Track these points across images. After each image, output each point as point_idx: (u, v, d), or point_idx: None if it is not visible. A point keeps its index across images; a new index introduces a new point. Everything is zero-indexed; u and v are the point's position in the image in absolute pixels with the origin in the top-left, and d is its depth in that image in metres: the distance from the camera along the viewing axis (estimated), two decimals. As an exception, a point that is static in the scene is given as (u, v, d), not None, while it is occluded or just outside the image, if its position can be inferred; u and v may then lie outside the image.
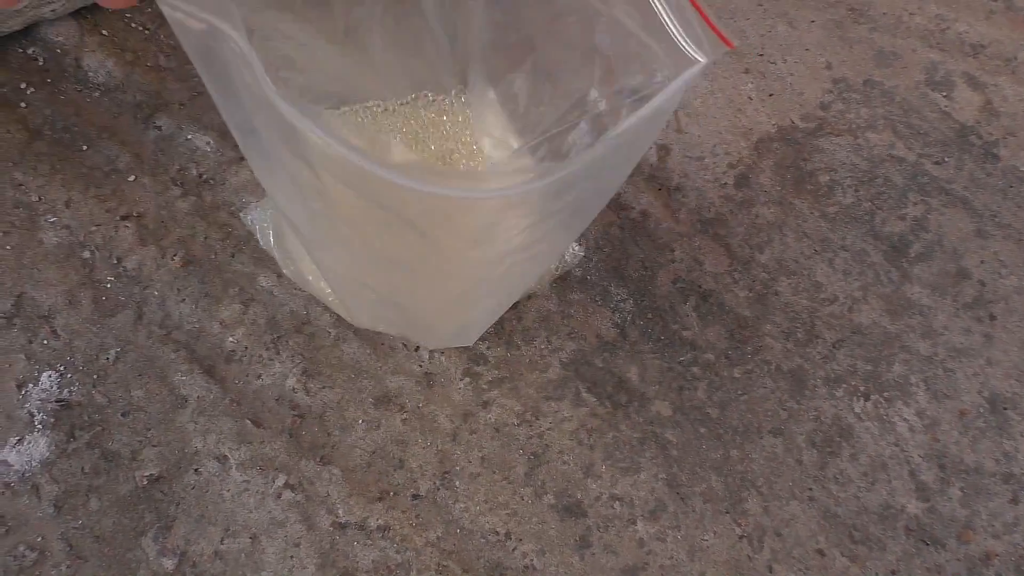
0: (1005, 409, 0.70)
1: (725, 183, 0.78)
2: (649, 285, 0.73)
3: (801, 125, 0.81)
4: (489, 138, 0.62)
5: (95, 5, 0.76)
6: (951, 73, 0.86)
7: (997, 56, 0.88)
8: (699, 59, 0.37)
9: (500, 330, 0.70)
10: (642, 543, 0.63)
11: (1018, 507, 0.67)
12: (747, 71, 0.84)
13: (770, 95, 0.83)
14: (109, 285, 0.68)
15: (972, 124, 0.84)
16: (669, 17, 0.38)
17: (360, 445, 0.65)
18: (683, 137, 0.80)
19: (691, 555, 0.63)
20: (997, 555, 0.65)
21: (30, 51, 0.76)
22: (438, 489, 0.64)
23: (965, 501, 0.67)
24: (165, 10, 0.30)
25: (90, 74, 0.76)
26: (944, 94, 0.85)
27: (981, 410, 0.70)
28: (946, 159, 0.81)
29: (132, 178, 0.72)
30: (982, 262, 0.77)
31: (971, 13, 0.90)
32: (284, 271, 0.66)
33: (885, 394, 0.70)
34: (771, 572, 0.63)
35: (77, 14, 0.78)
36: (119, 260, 0.69)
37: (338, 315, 0.68)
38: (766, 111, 0.82)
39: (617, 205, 0.76)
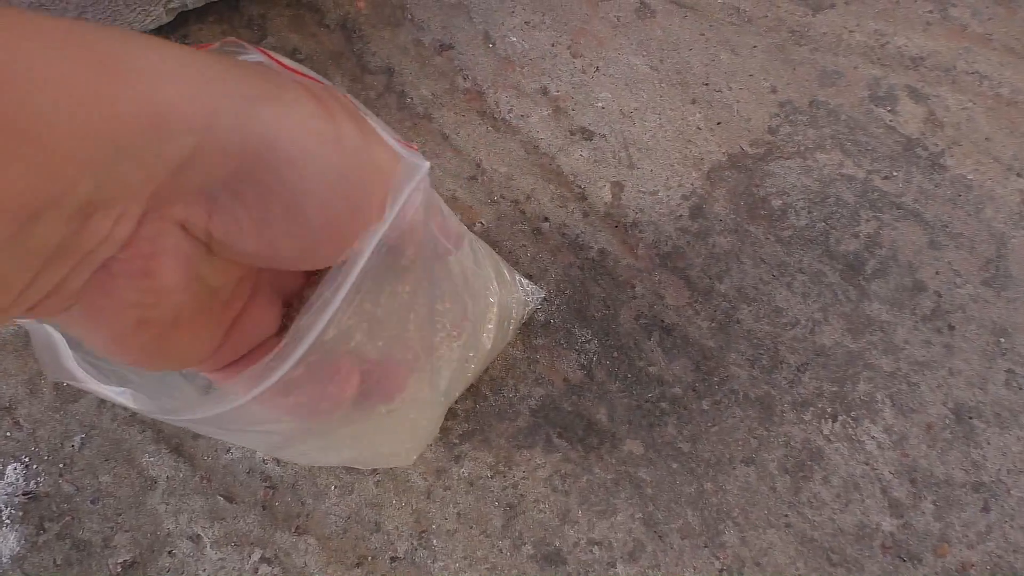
0: (970, 418, 0.71)
1: (680, 215, 0.79)
2: (612, 324, 0.74)
3: (751, 151, 0.83)
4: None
5: None
6: (894, 87, 0.88)
7: (937, 67, 0.89)
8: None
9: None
10: (623, 587, 0.63)
11: (990, 515, 0.68)
12: (694, 101, 0.85)
13: (718, 124, 0.84)
14: (69, 370, 0.67)
15: (917, 136, 0.85)
16: None
17: (334, 511, 0.64)
18: (635, 172, 0.80)
19: (673, 595, 0.63)
20: (973, 565, 0.66)
21: None
22: (416, 549, 0.64)
23: (938, 514, 0.68)
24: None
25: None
26: (888, 108, 0.86)
27: (947, 421, 0.71)
28: (894, 173, 0.83)
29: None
30: (937, 273, 0.78)
31: (909, 26, 0.92)
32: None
33: (852, 414, 0.71)
34: (753, 605, 0.63)
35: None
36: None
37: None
38: (716, 140, 0.83)
39: (575, 246, 0.77)
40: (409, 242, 0.33)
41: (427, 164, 0.34)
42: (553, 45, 0.86)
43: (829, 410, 0.71)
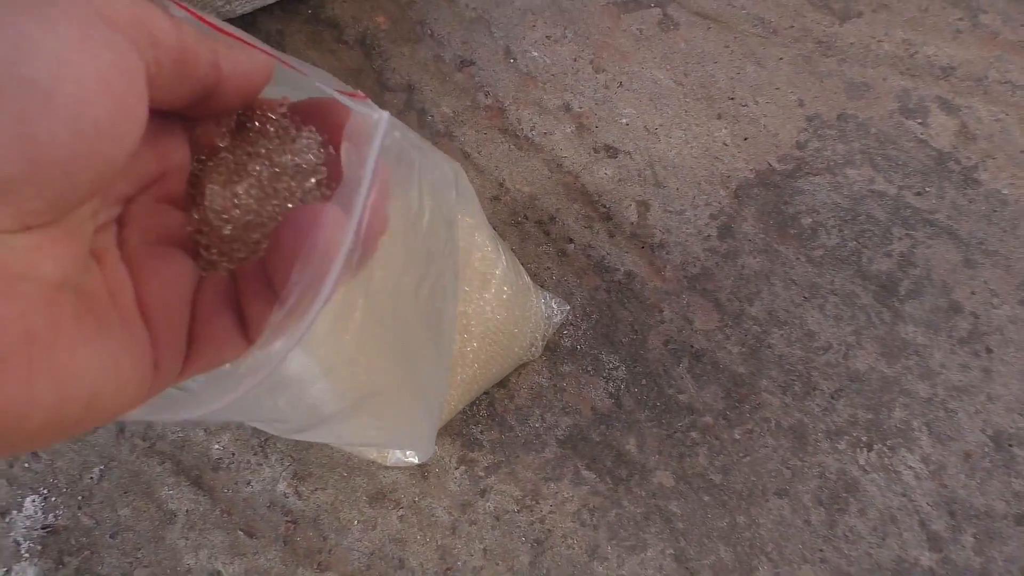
0: (1011, 446, 0.69)
1: (708, 235, 0.77)
2: (640, 349, 0.72)
3: (779, 167, 0.80)
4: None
5: None
6: (924, 99, 0.85)
7: (968, 77, 0.87)
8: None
9: (492, 411, 0.68)
10: (656, 625, 0.62)
11: (1033, 548, 0.66)
12: (720, 116, 0.83)
13: (745, 139, 0.82)
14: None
15: (949, 150, 0.83)
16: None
17: (357, 547, 0.63)
18: (662, 191, 0.78)
19: (707, 633, 0.62)
20: (1016, 601, 0.64)
21: None
22: (442, 587, 0.62)
23: (979, 548, 0.66)
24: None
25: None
26: (919, 121, 0.84)
27: (986, 449, 0.69)
28: (927, 189, 0.80)
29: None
30: (973, 293, 0.76)
31: (938, 35, 0.89)
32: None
33: (888, 442, 0.69)
34: (790, 643, 0.62)
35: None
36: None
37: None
38: (743, 156, 0.81)
39: (601, 267, 0.75)
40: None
41: (385, 113, 0.31)
42: (575, 60, 0.84)
43: (864, 439, 0.69)
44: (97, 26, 0.23)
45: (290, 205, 0.32)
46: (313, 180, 0.33)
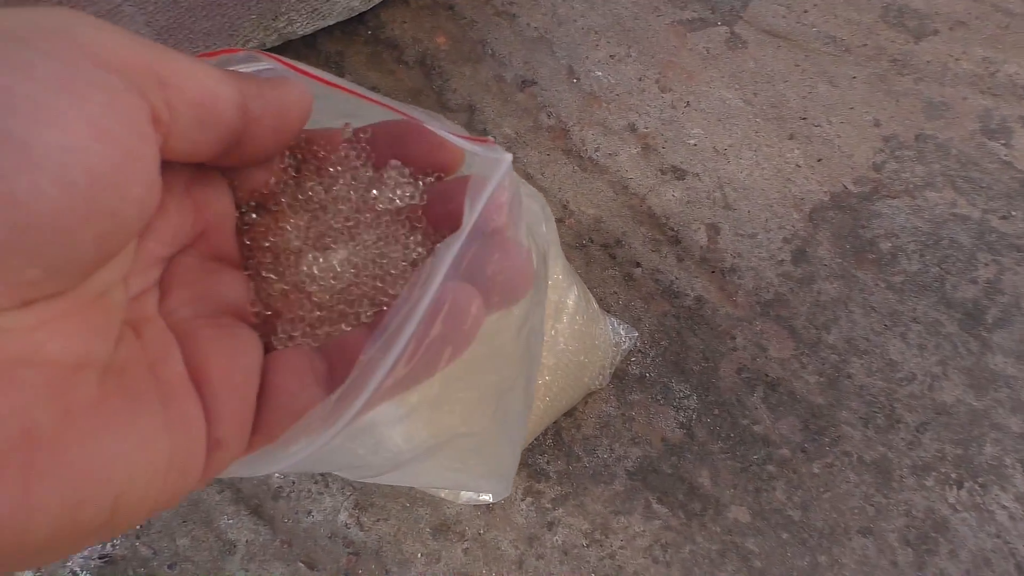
0: (1112, 485, 0.65)
1: (782, 260, 0.74)
2: (712, 378, 0.69)
3: (855, 190, 0.77)
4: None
5: None
6: (1007, 119, 0.82)
7: (1052, 96, 0.83)
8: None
9: (559, 441, 0.66)
10: (735, 672, 0.58)
11: None
12: (792, 137, 0.80)
13: (819, 160, 0.79)
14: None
15: (1035, 171, 0.79)
16: None
17: (421, 582, 0.61)
18: (732, 214, 0.76)
19: None
20: (1124, 653, 0.59)
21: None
22: (508, 625, 0.59)
23: (1082, 595, 0.61)
24: None
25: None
26: (1002, 142, 0.80)
27: (1085, 488, 0.65)
28: (1012, 212, 0.76)
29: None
30: (1065, 322, 0.72)
31: (1019, 52, 0.85)
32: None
33: (979, 480, 0.65)
34: None
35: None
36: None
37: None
38: (816, 178, 0.78)
39: (670, 292, 0.72)
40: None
41: (508, 156, 0.30)
42: (640, 79, 0.82)
43: (953, 475, 0.65)
44: (85, 67, 0.20)
45: (391, 270, 0.30)
46: (419, 232, 0.31)
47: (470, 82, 0.83)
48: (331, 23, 0.80)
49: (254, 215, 0.30)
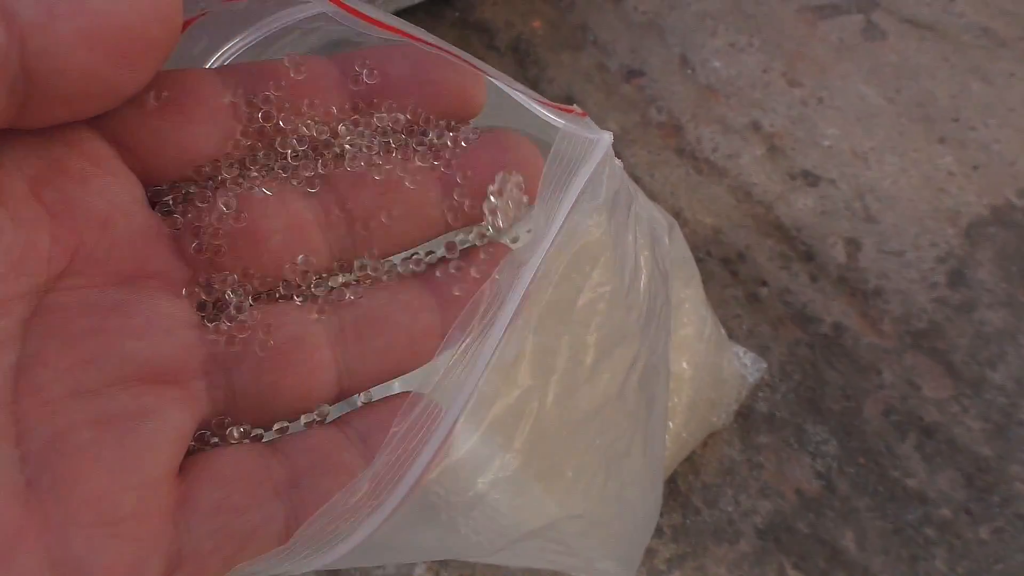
0: None
1: (935, 282, 0.63)
2: (855, 419, 0.58)
3: (1019, 203, 0.66)
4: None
5: None
6: None
7: None
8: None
9: (674, 489, 0.56)
10: None
11: None
12: (942, 140, 0.69)
13: (974, 168, 0.68)
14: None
15: None
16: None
17: (512, 653, 0.51)
18: (875, 227, 0.65)
19: None
20: None
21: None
22: None
23: None
24: None
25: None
26: None
27: None
28: None
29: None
30: None
31: None
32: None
33: None
34: None
35: None
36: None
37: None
38: (973, 188, 0.67)
39: (802, 317, 0.62)
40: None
41: (607, 135, 0.22)
42: (765, 71, 0.72)
43: None
44: None
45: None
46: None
47: (569, 71, 0.73)
48: (417, 2, 0.72)
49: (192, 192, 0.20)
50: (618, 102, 0.72)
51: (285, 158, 0.20)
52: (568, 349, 0.27)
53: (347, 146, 0.21)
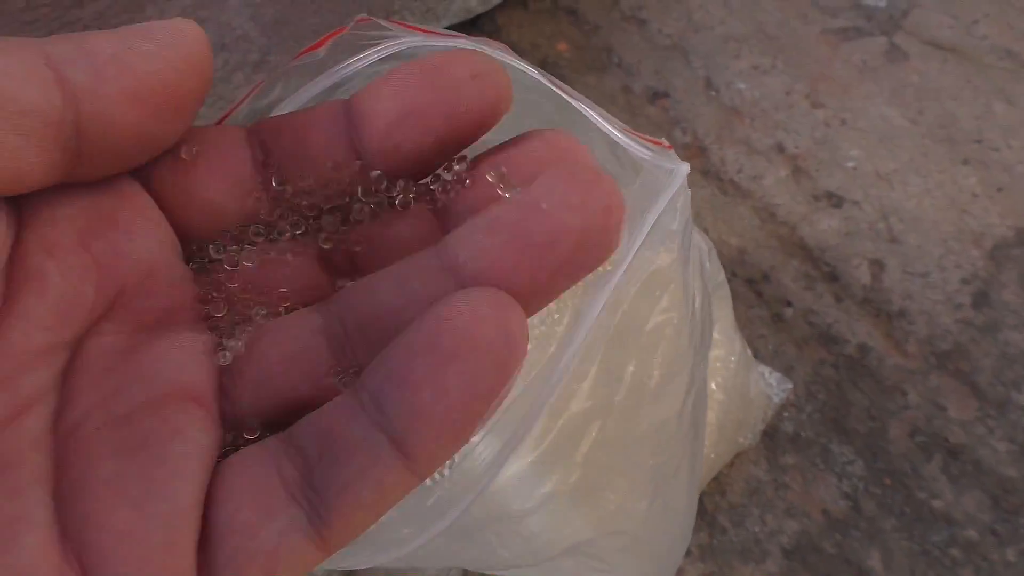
0: None
1: (960, 303, 0.63)
2: (880, 440, 0.59)
3: (1044, 224, 0.66)
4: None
5: None
6: None
7: None
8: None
9: (702, 509, 0.56)
10: None
11: None
12: (966, 162, 0.69)
13: (999, 190, 0.68)
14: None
15: None
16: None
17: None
18: (899, 248, 0.66)
19: None
20: None
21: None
22: None
23: None
24: None
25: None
26: None
27: None
28: None
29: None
30: None
31: None
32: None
33: None
34: None
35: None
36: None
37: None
38: (997, 210, 0.67)
39: (827, 338, 0.62)
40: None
41: (685, 167, 0.23)
42: (788, 93, 0.73)
43: None
44: None
45: None
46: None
47: (594, 93, 0.74)
48: (445, 24, 0.73)
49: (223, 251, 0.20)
50: (643, 124, 0.73)
51: (299, 216, 0.21)
52: (633, 372, 0.27)
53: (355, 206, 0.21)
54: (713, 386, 0.50)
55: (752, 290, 0.65)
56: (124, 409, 0.17)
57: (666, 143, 0.24)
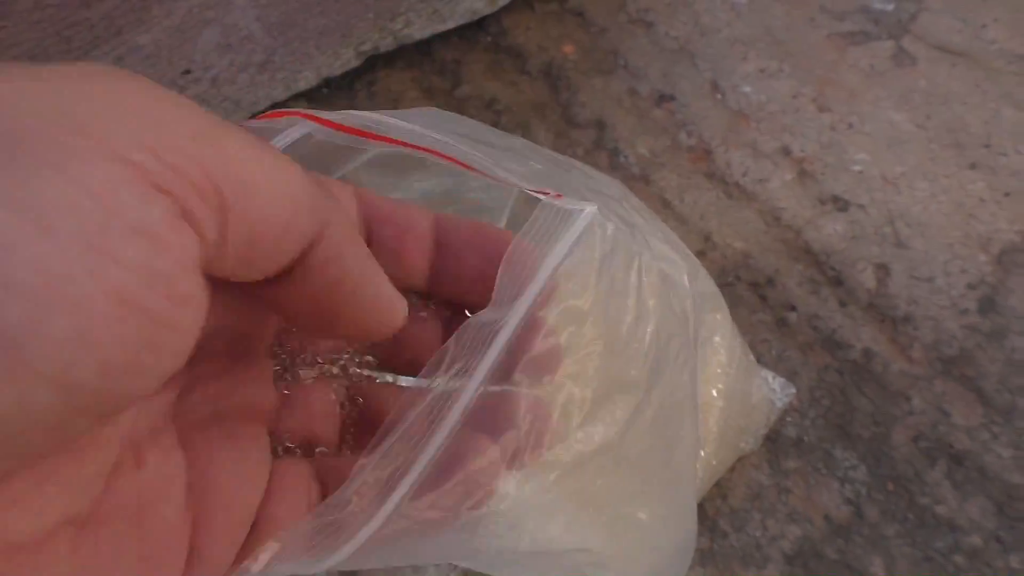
0: None
1: (966, 309, 0.63)
2: (884, 446, 0.58)
3: (1052, 230, 0.66)
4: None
5: None
6: None
7: None
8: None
9: (702, 513, 0.56)
10: None
11: None
12: (973, 167, 0.69)
13: (1006, 195, 0.68)
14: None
15: None
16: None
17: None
18: (905, 253, 0.65)
19: None
20: None
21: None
22: None
23: None
24: None
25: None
26: None
27: None
28: None
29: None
30: None
31: None
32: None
33: None
34: None
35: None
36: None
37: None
38: (1005, 215, 0.67)
39: (831, 343, 0.62)
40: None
41: (591, 206, 0.23)
42: (795, 96, 0.73)
43: None
44: (117, 198, 0.13)
45: None
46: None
47: (600, 96, 0.74)
48: (451, 26, 0.73)
49: None
50: (649, 126, 0.73)
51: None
52: (561, 403, 0.27)
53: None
54: (714, 393, 0.50)
55: (756, 294, 0.64)
56: (225, 408, 0.22)
57: (554, 193, 0.24)
